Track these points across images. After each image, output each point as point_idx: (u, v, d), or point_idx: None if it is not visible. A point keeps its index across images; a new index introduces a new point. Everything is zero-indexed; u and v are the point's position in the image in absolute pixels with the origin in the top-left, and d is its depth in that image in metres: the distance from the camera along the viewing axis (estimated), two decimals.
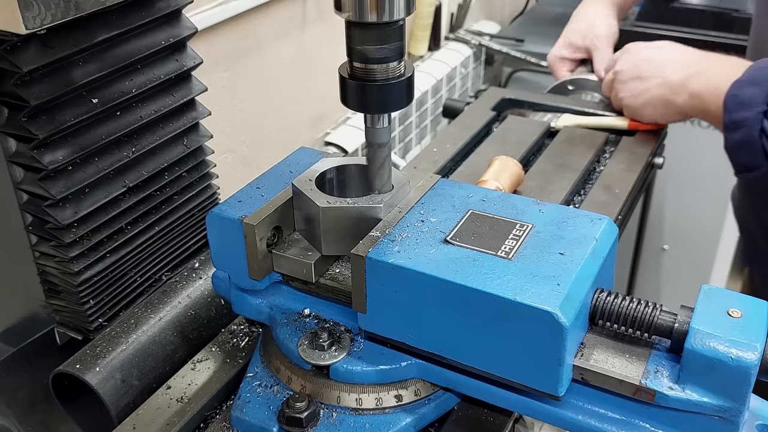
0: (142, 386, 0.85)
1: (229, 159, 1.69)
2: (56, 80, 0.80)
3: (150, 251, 0.97)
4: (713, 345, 0.63)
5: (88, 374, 0.82)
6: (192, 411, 0.79)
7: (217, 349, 0.87)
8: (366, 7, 0.66)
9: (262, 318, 0.83)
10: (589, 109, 1.42)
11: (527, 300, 0.64)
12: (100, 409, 0.82)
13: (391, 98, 0.72)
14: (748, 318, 0.65)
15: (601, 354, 0.69)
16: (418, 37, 2.26)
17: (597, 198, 1.17)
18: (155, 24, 0.91)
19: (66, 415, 0.89)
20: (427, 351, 0.72)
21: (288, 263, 0.78)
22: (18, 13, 0.71)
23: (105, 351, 0.85)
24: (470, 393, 0.74)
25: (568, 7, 2.78)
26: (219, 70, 1.59)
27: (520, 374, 0.67)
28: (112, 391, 0.83)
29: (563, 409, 0.70)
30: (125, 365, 0.85)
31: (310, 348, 0.75)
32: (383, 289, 0.70)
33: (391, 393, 0.75)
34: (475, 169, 1.21)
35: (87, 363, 0.83)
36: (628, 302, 0.69)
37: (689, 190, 2.26)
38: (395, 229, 0.73)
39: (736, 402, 0.63)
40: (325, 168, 0.82)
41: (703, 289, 0.69)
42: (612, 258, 0.75)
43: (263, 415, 0.74)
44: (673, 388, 0.65)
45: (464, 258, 0.69)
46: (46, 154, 0.81)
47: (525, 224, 0.74)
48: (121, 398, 0.83)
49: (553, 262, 0.68)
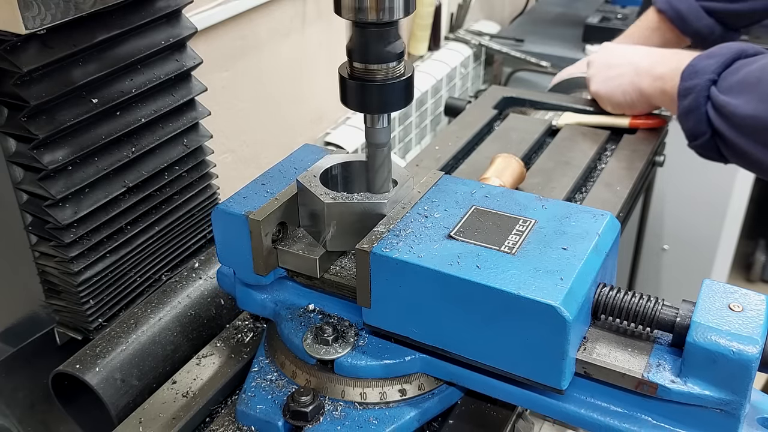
0: (141, 386, 0.86)
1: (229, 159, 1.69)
2: (56, 80, 0.80)
3: (150, 251, 0.97)
4: (715, 339, 0.63)
5: (88, 374, 0.83)
6: (197, 405, 0.80)
7: (222, 345, 0.88)
8: (366, 7, 0.66)
9: (267, 313, 0.83)
10: (590, 107, 1.43)
11: (530, 294, 0.64)
12: (99, 409, 0.83)
13: (391, 98, 0.72)
14: (749, 312, 0.66)
15: (603, 348, 0.69)
16: (418, 37, 2.26)
17: (598, 195, 1.18)
18: (155, 24, 0.92)
19: (66, 415, 0.89)
20: (431, 345, 0.72)
21: (293, 259, 0.79)
22: (18, 13, 0.71)
23: (105, 351, 0.85)
24: (474, 387, 0.75)
25: (568, 8, 2.81)
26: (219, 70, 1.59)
27: (524, 368, 0.68)
28: (111, 391, 0.83)
29: (566, 402, 0.71)
30: (125, 365, 0.85)
31: (314, 342, 0.76)
32: (387, 284, 0.71)
33: (395, 387, 0.76)
34: (477, 167, 1.22)
35: (87, 363, 0.84)
36: (630, 296, 0.70)
37: (689, 189, 2.26)
38: (399, 224, 0.74)
39: (738, 395, 0.64)
40: (329, 164, 0.82)
41: (704, 284, 0.69)
42: (614, 253, 0.76)
43: (268, 409, 0.75)
44: (675, 382, 0.65)
45: (468, 253, 0.70)
46: (45, 154, 0.81)
47: (528, 220, 0.74)
48: (120, 398, 0.83)
49: (556, 257, 0.69)
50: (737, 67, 1.12)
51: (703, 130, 1.15)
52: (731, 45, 1.15)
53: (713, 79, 1.13)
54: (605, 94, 1.36)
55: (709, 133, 1.15)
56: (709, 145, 1.17)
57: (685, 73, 1.16)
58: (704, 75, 1.13)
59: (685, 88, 1.15)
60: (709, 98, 1.13)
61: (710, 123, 1.13)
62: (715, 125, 1.13)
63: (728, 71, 1.12)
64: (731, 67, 1.13)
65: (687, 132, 1.19)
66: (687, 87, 1.15)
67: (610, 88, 1.35)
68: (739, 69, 1.11)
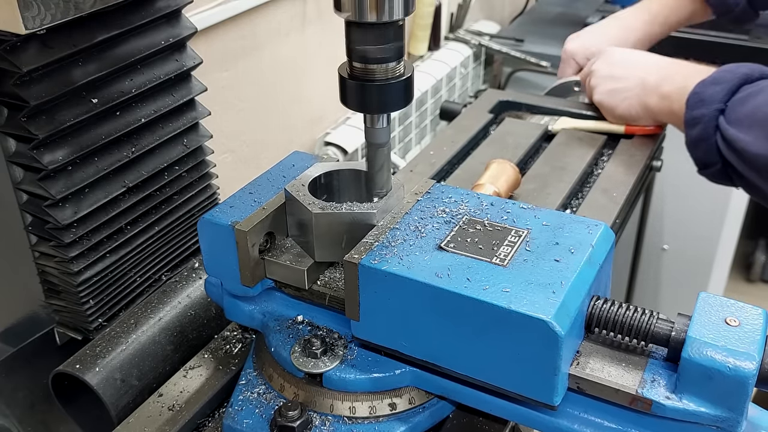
0: (141, 386, 0.85)
1: (229, 159, 1.68)
2: (56, 80, 0.80)
3: (150, 251, 0.97)
4: (711, 354, 0.62)
5: (88, 374, 0.82)
6: (183, 419, 0.79)
7: (209, 356, 0.86)
8: (366, 7, 0.66)
9: (255, 324, 0.82)
10: (586, 111, 1.41)
11: (522, 308, 0.63)
12: (99, 409, 0.82)
13: (391, 98, 0.72)
14: (746, 327, 0.64)
15: (597, 362, 0.68)
16: (418, 37, 2.25)
17: (595, 201, 1.16)
18: (155, 24, 0.91)
19: (66, 415, 0.89)
20: (421, 359, 0.71)
21: (281, 270, 0.78)
22: (18, 13, 0.71)
23: (105, 351, 0.85)
24: (465, 401, 0.73)
25: (568, 7, 2.80)
26: (219, 70, 1.58)
27: (515, 383, 0.67)
28: (111, 391, 0.82)
29: (559, 418, 0.70)
30: (125, 365, 0.85)
31: (302, 355, 0.74)
32: (376, 296, 0.69)
33: (385, 401, 0.74)
34: (471, 173, 1.21)
35: (87, 363, 0.83)
36: (624, 310, 0.68)
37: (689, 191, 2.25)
38: (389, 235, 0.72)
39: (734, 412, 0.62)
40: (318, 173, 0.81)
41: (700, 297, 0.68)
42: (608, 265, 0.74)
43: (255, 423, 0.74)
44: (670, 398, 0.64)
45: (458, 265, 0.68)
46: (45, 154, 0.81)
47: (520, 230, 0.73)
48: (120, 398, 0.83)
49: (548, 270, 0.68)
50: (744, 96, 1.10)
51: (714, 160, 1.14)
52: (735, 69, 1.14)
53: (721, 108, 1.11)
54: (609, 106, 1.34)
55: (720, 164, 1.14)
56: (721, 174, 1.16)
57: (690, 101, 1.15)
58: (711, 105, 1.12)
59: (692, 117, 1.14)
60: (718, 128, 1.11)
61: (721, 154, 1.12)
62: (726, 157, 1.12)
63: (735, 100, 1.11)
64: (737, 95, 1.11)
65: (697, 161, 1.18)
66: (694, 116, 1.14)
67: (616, 101, 1.33)
68: (747, 99, 1.10)
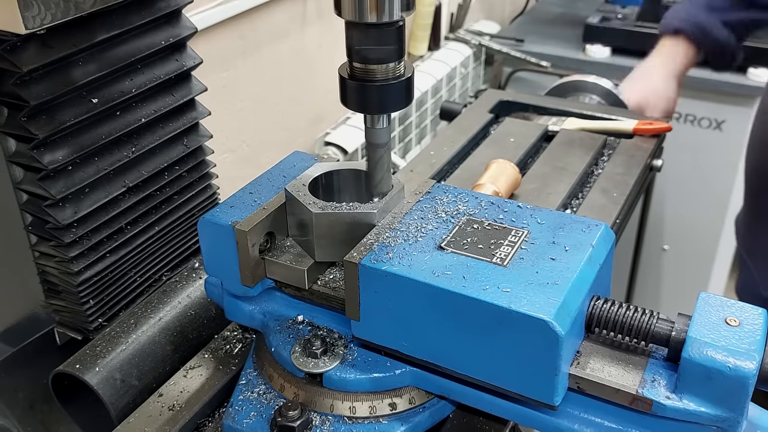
0: (141, 386, 0.85)
1: (229, 159, 1.69)
2: (56, 80, 0.80)
3: (150, 251, 0.97)
4: (711, 354, 0.62)
5: (88, 374, 0.82)
6: (184, 419, 0.79)
7: (209, 356, 0.86)
8: (365, 7, 0.66)
9: (255, 324, 0.82)
10: (593, 112, 1.41)
11: (522, 308, 0.63)
12: (99, 409, 0.82)
13: (391, 98, 0.72)
14: (746, 327, 0.64)
15: (597, 362, 0.68)
16: (418, 37, 2.25)
17: (595, 201, 1.16)
18: (155, 24, 0.91)
19: (66, 415, 0.89)
20: (422, 359, 0.71)
21: (281, 270, 0.78)
22: (18, 13, 0.71)
23: (105, 351, 0.85)
24: (465, 401, 0.74)
25: (568, 8, 2.80)
26: (219, 70, 1.59)
27: (515, 383, 0.67)
28: (111, 391, 0.82)
29: (559, 418, 0.69)
30: (125, 365, 0.85)
31: (302, 356, 0.74)
32: (377, 296, 0.69)
33: (385, 401, 0.74)
34: (472, 173, 1.20)
35: (87, 363, 0.83)
36: (624, 310, 0.68)
37: (689, 191, 2.25)
38: (389, 235, 0.72)
39: (734, 412, 0.62)
40: (318, 173, 0.81)
41: (701, 297, 0.68)
42: (609, 264, 0.74)
43: (255, 423, 0.74)
44: (670, 398, 0.64)
45: (458, 265, 0.68)
46: (45, 154, 0.81)
47: (520, 230, 0.73)
48: (120, 398, 0.83)
49: (548, 269, 0.67)
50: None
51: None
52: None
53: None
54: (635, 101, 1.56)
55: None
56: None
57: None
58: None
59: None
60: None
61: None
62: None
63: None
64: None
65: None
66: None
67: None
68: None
